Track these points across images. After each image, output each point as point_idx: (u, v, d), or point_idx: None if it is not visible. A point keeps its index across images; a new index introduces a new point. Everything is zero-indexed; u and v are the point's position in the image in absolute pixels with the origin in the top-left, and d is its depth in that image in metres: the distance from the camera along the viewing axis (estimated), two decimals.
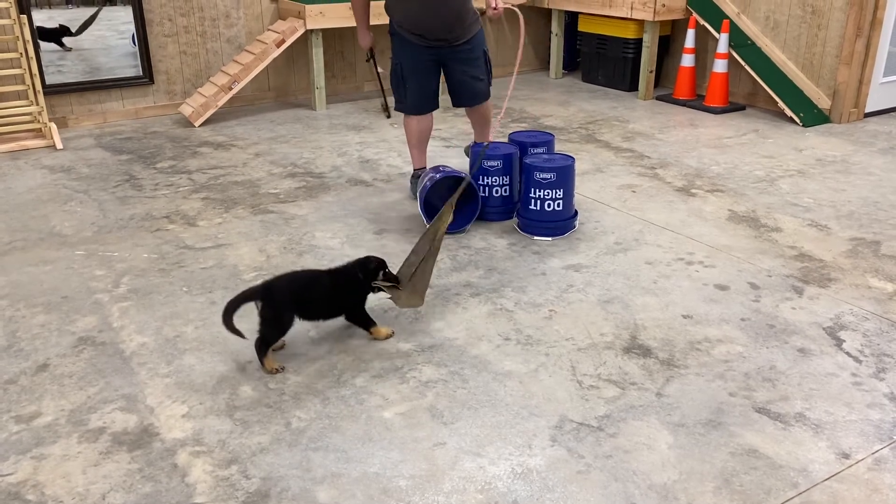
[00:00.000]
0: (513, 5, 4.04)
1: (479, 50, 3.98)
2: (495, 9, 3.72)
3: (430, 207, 3.71)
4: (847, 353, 2.69)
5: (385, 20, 4.00)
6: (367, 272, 2.75)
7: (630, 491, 2.05)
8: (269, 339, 2.59)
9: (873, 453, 2.20)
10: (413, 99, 4.00)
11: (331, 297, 2.71)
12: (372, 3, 4.13)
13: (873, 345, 2.74)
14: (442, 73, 4.03)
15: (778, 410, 2.38)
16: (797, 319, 2.92)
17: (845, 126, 5.59)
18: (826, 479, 2.09)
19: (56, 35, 5.86)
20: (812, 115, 5.64)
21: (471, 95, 4.08)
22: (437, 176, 3.72)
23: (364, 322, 2.78)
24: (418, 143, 4.15)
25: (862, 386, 2.51)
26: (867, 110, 5.76)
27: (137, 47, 5.73)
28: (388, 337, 2.79)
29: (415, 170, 4.22)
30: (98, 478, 2.11)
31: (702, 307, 3.01)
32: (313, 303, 2.67)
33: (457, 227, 3.69)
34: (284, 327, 2.61)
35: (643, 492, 2.05)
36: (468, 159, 4.46)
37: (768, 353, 2.70)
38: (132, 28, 5.72)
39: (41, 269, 3.36)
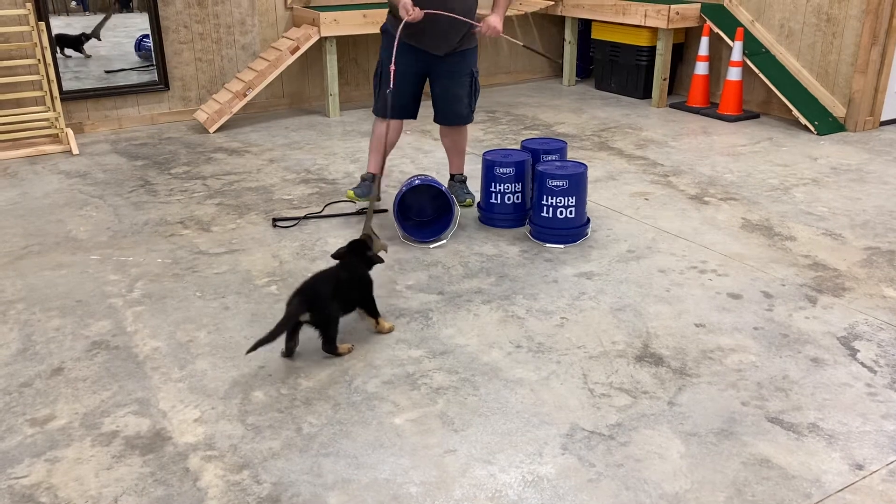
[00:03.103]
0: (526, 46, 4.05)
1: (468, 69, 3.81)
2: (486, 28, 3.62)
3: (407, 219, 3.76)
4: (861, 364, 2.67)
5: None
6: (368, 249, 2.86)
7: (641, 500, 2.04)
8: (332, 335, 2.66)
9: (888, 465, 2.18)
10: (384, 102, 3.78)
11: (350, 288, 2.78)
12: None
13: (888, 355, 2.72)
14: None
15: (791, 420, 2.37)
16: (811, 329, 2.90)
17: (860, 134, 5.56)
18: (839, 491, 2.08)
19: (76, 42, 5.94)
20: (827, 124, 5.61)
21: (449, 114, 3.90)
22: (416, 181, 3.72)
23: (374, 309, 2.85)
24: (377, 148, 3.94)
25: (877, 397, 2.49)
26: (883, 119, 5.73)
27: (153, 54, 5.78)
28: (390, 330, 2.86)
29: (367, 172, 4.07)
30: (111, 481, 2.12)
31: (714, 316, 3.00)
32: (343, 294, 2.73)
33: (429, 237, 3.68)
34: (337, 318, 2.69)
35: (654, 501, 2.04)
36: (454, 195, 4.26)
37: (781, 362, 2.68)
38: (148, 35, 5.78)
39: (57, 274, 3.39)
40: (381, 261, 2.92)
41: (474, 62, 3.86)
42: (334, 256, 2.86)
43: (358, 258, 2.84)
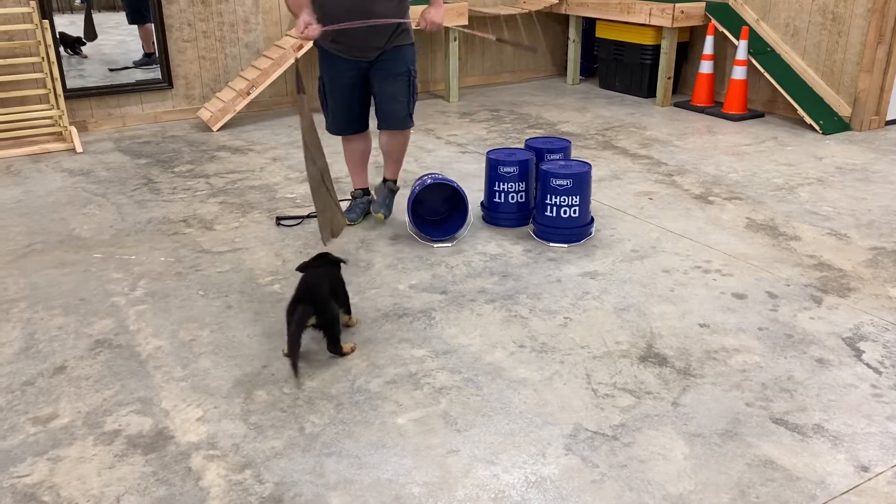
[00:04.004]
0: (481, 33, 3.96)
1: (404, 67, 3.56)
2: (428, 24, 3.42)
3: (418, 217, 3.74)
4: (867, 364, 2.66)
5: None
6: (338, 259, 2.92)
7: (645, 501, 2.03)
8: (337, 334, 2.68)
9: (893, 466, 2.16)
10: (334, 119, 3.71)
11: (340, 286, 2.83)
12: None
13: (894, 356, 2.71)
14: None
15: (795, 421, 2.35)
16: (816, 329, 2.89)
17: (866, 134, 5.54)
18: (844, 493, 2.07)
19: (73, 44, 5.97)
20: (832, 123, 5.59)
21: (385, 116, 3.67)
22: (429, 180, 3.70)
23: (348, 302, 2.90)
24: (352, 164, 3.89)
25: (882, 398, 2.47)
26: (888, 118, 5.70)
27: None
28: (354, 325, 2.91)
29: (354, 189, 3.97)
30: (113, 480, 2.12)
31: (719, 316, 2.98)
32: (335, 292, 2.77)
33: (440, 235, 3.67)
34: (339, 316, 2.73)
35: (658, 502, 2.03)
36: (378, 198, 3.97)
37: (786, 363, 2.67)
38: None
39: (60, 272, 3.39)
40: (345, 261, 2.91)
41: (412, 60, 3.60)
42: (300, 269, 2.83)
43: (324, 261, 2.88)
